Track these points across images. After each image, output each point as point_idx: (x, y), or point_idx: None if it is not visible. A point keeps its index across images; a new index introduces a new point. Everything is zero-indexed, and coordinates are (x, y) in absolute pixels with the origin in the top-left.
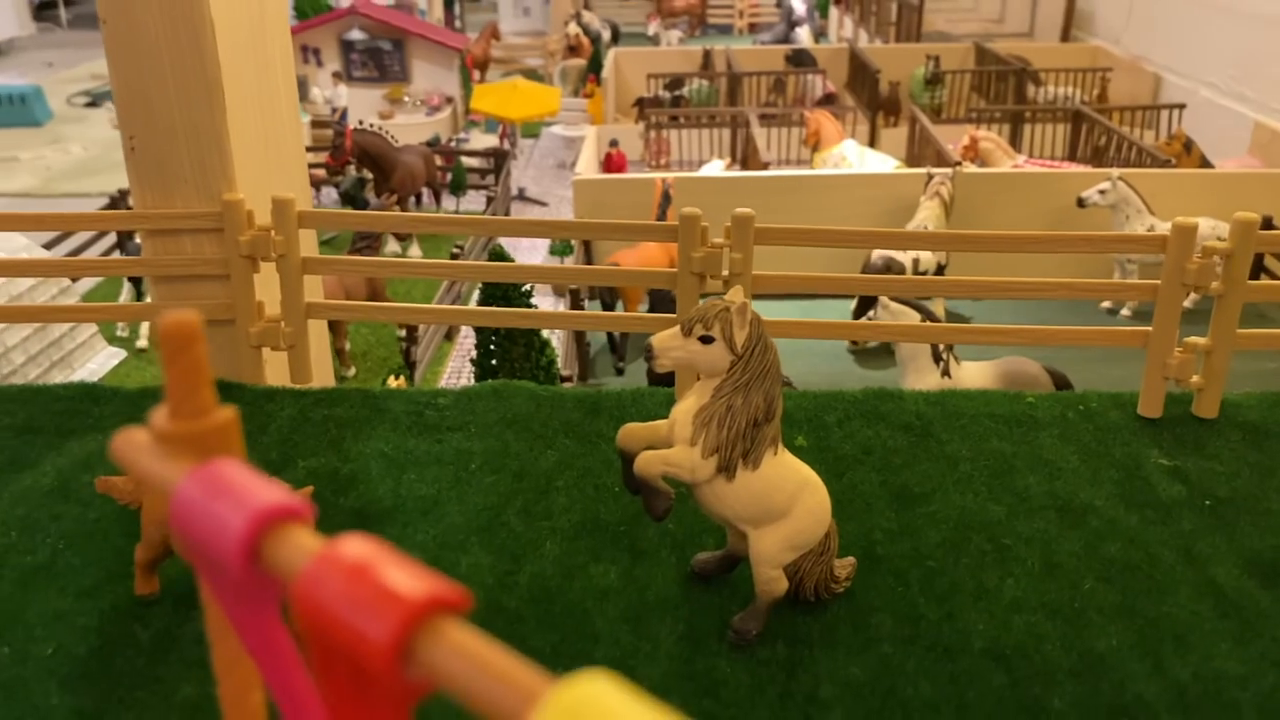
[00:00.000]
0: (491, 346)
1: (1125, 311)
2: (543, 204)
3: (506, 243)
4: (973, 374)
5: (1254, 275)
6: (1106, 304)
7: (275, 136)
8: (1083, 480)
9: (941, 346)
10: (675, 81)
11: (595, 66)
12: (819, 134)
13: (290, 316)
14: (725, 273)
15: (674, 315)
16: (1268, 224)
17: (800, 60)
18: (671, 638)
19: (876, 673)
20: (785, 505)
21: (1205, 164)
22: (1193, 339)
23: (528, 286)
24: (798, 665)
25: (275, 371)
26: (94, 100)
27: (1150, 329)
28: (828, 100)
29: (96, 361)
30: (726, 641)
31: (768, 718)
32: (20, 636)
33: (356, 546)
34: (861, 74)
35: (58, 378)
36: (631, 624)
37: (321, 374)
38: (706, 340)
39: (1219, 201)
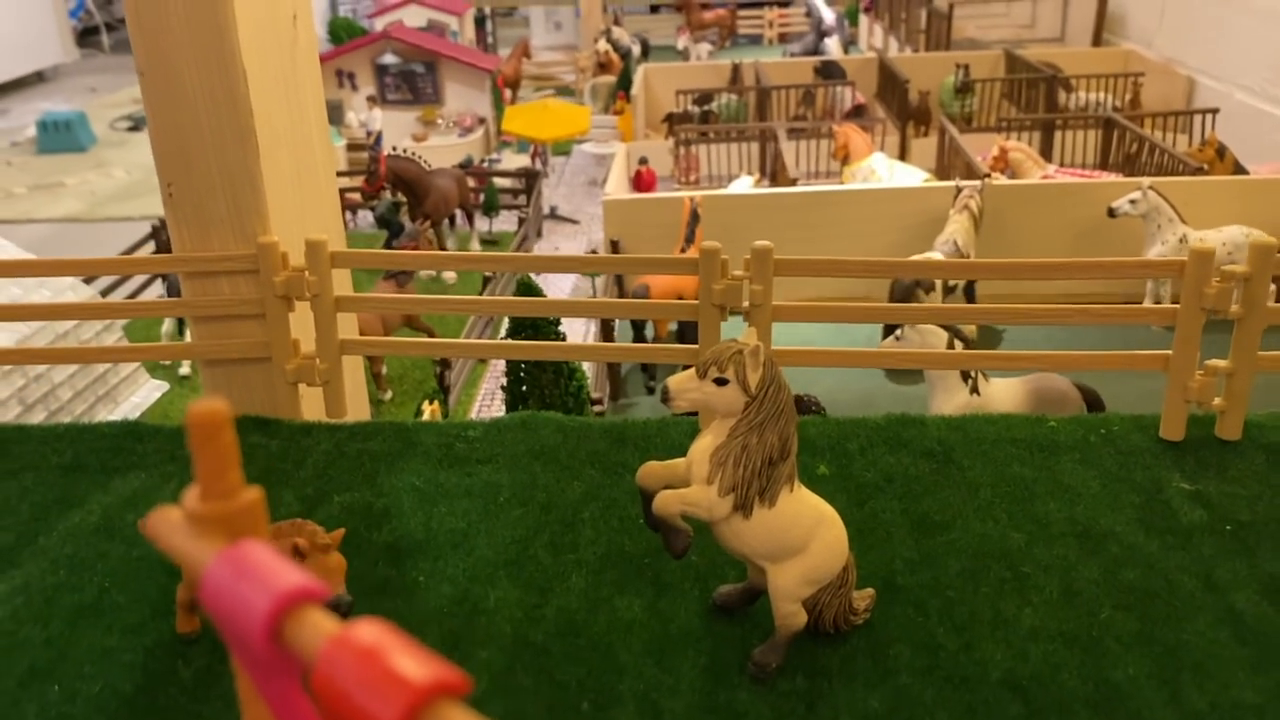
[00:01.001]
0: (521, 374)
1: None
2: (574, 221)
3: None
4: (1002, 392)
5: None
6: None
7: (309, 177)
8: (1103, 505)
9: None
10: (704, 97)
11: (625, 83)
12: (848, 147)
13: (325, 353)
14: (746, 304)
15: (697, 346)
16: None
17: (829, 72)
18: (694, 671)
19: (894, 704)
20: (802, 541)
21: (1239, 170)
22: (1214, 361)
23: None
24: (817, 698)
25: (311, 406)
26: (136, 124)
27: (1170, 352)
28: (857, 112)
29: (140, 395)
30: (747, 674)
31: None
32: (69, 674)
33: (369, 632)
34: (891, 84)
35: (103, 413)
36: (655, 657)
37: (356, 407)
38: (721, 383)
39: (1253, 208)
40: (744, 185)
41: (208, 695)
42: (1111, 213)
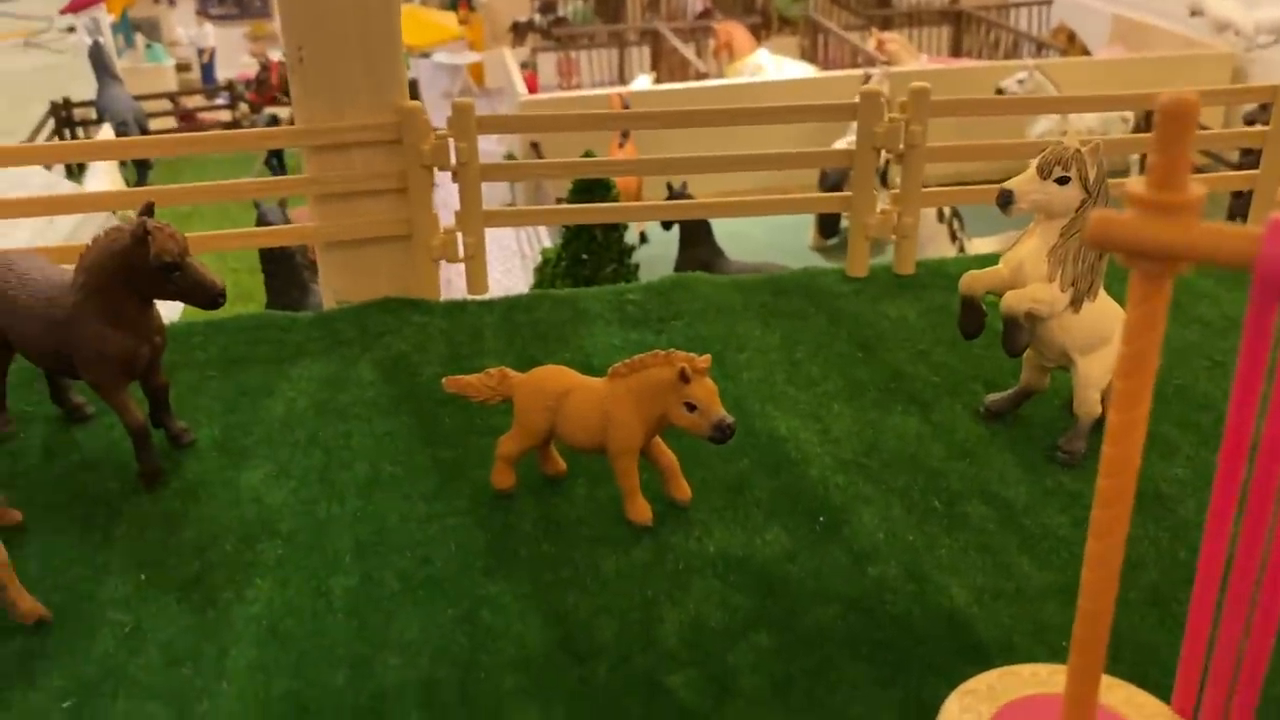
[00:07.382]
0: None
1: None
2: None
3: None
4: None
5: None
6: None
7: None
8: None
9: (955, 226)
10: (547, 4)
11: None
12: (730, 45)
13: (469, 226)
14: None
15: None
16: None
17: None
18: (1006, 465)
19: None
20: (1112, 331)
21: (1085, 54)
22: None
23: None
24: None
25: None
26: None
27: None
28: (706, 15)
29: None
30: (1059, 463)
31: None
32: (405, 542)
33: None
34: None
35: None
36: (966, 458)
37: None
38: (1063, 181)
39: (1114, 87)
40: (643, 85)
41: (550, 538)
42: (1000, 92)
